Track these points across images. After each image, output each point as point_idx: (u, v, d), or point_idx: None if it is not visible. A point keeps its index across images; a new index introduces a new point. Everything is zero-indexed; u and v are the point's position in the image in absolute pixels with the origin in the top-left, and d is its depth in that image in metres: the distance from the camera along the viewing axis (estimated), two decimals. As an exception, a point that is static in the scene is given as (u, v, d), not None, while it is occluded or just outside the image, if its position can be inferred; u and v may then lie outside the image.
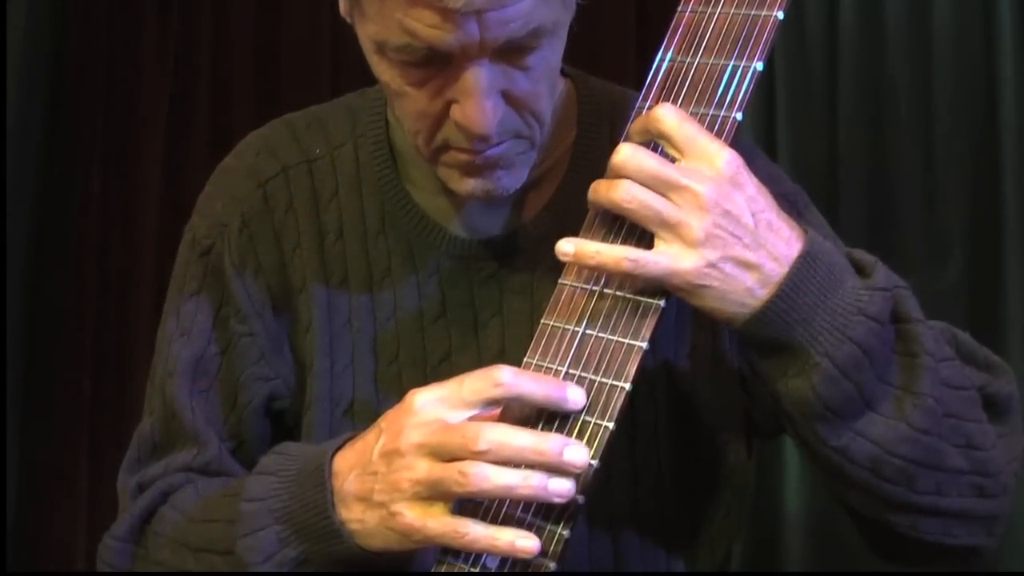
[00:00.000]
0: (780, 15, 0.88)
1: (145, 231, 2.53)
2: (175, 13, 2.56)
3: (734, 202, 0.83)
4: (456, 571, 0.86)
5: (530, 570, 0.84)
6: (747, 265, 0.83)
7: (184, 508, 1.00)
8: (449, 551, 0.86)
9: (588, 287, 0.88)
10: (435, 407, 0.84)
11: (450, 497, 0.83)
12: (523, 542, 0.82)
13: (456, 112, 0.91)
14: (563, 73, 1.06)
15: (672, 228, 0.83)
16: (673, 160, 0.85)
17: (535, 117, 0.95)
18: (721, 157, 0.83)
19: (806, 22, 2.12)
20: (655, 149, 0.87)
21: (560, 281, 0.89)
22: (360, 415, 1.04)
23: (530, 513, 0.84)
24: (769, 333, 0.85)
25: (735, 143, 0.87)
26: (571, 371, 0.87)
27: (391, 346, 1.04)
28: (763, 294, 0.84)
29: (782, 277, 0.84)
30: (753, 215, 0.83)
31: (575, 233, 0.93)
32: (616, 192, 0.84)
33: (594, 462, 0.83)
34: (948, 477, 0.89)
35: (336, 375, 1.04)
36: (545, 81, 0.94)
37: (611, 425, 0.84)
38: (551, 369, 0.87)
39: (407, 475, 0.83)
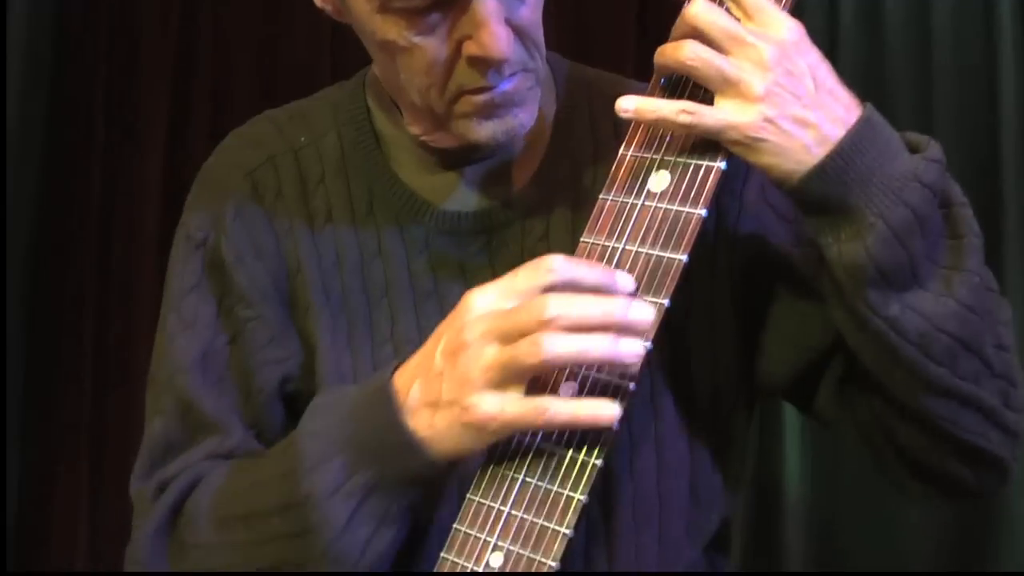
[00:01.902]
0: None
1: (145, 231, 2.53)
2: (175, 13, 2.56)
3: (796, 64, 0.85)
4: (459, 570, 0.86)
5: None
6: (805, 124, 0.85)
7: (220, 485, 0.98)
8: (453, 548, 0.87)
9: (609, 244, 0.89)
10: (492, 301, 0.86)
11: (524, 373, 0.84)
12: (604, 410, 0.83)
13: (471, 47, 0.92)
14: None
15: (733, 84, 0.85)
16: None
17: (536, 47, 0.97)
18: (786, 24, 0.87)
19: (806, 22, 2.11)
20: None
21: (582, 239, 0.90)
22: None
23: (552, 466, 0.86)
24: (825, 190, 0.86)
25: None
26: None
27: (385, 325, 1.04)
28: (820, 152, 0.85)
29: (840, 137, 0.85)
30: (814, 79, 0.86)
31: (562, 205, 0.98)
32: (681, 52, 0.86)
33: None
34: (984, 369, 0.90)
35: (339, 351, 1.04)
36: (538, 10, 0.97)
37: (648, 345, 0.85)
38: None
39: (476, 364, 0.84)
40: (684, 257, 0.86)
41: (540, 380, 0.86)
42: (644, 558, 1.01)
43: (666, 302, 0.85)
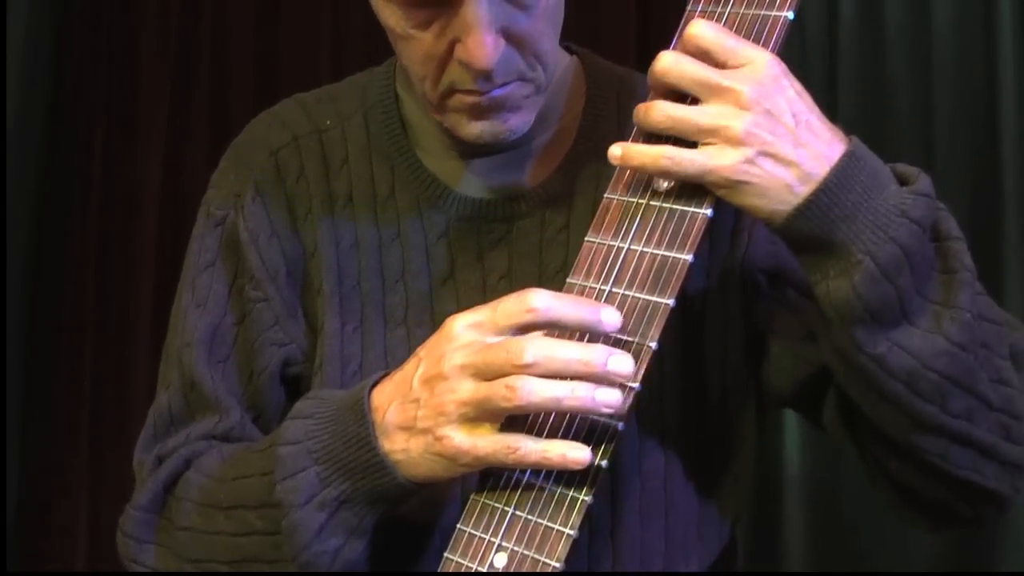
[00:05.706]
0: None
1: (145, 230, 2.53)
2: (175, 13, 2.56)
3: (775, 102, 0.84)
4: (463, 570, 0.86)
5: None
6: (787, 162, 0.83)
7: (209, 471, 0.99)
8: (457, 548, 0.87)
9: (615, 244, 0.88)
10: (473, 332, 0.85)
11: (498, 414, 0.83)
12: (574, 453, 0.82)
13: (459, 51, 0.92)
14: (569, 51, 1.09)
15: (712, 132, 0.83)
16: None
17: (538, 59, 0.96)
18: (763, 60, 0.84)
19: (806, 22, 2.13)
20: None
21: (587, 239, 0.90)
22: (370, 376, 1.04)
23: (551, 481, 0.85)
24: (811, 229, 0.85)
25: None
26: None
27: (399, 308, 1.04)
28: (803, 191, 0.84)
29: (824, 174, 0.84)
30: (794, 116, 0.84)
31: (584, 198, 0.99)
32: (652, 116, 0.85)
33: (636, 383, 0.84)
34: (979, 406, 0.88)
35: (346, 336, 1.04)
36: (545, 21, 0.95)
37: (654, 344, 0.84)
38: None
39: (451, 397, 0.84)
40: (690, 257, 0.85)
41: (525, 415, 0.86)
42: (649, 556, 1.01)
43: (671, 302, 0.85)
